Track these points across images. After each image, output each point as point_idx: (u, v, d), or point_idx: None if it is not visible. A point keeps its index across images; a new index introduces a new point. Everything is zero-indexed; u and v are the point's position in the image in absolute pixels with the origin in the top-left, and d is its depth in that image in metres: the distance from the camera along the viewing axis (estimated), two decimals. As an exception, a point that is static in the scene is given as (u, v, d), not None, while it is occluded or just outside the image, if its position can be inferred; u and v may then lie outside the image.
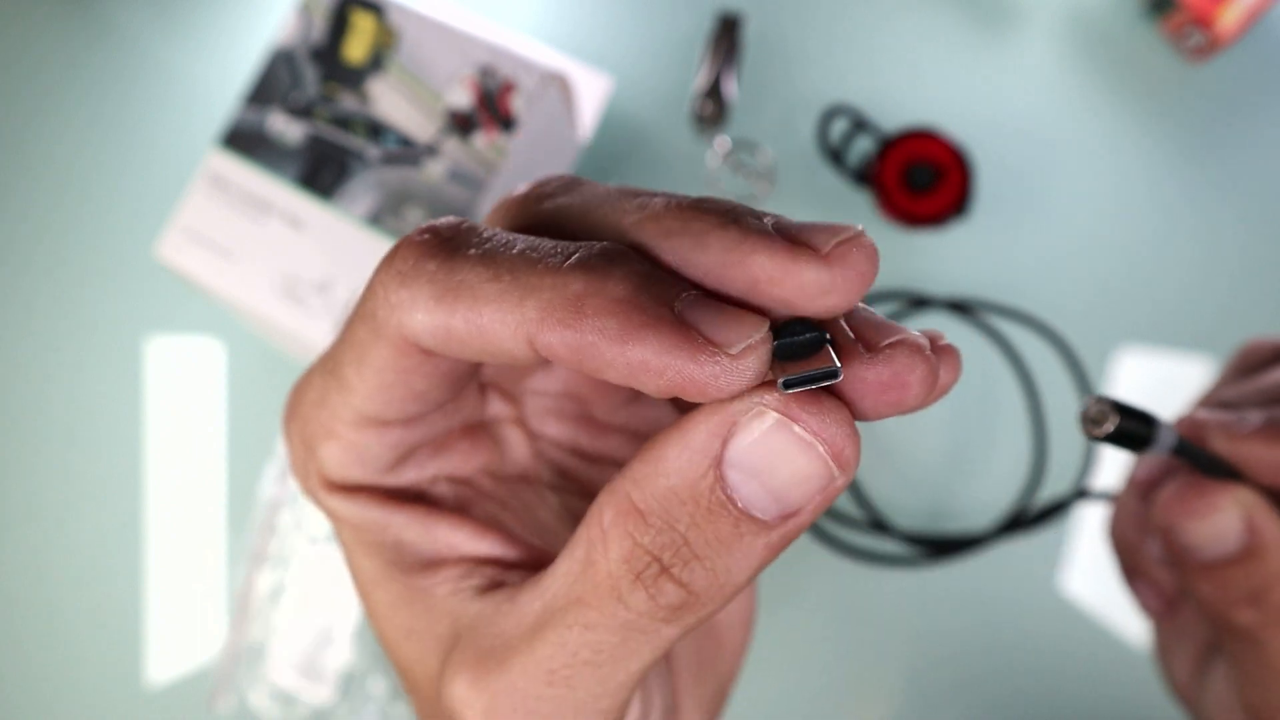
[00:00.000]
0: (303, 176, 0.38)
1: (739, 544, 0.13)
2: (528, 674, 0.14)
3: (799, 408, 0.12)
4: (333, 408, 0.15)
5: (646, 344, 0.12)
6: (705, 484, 0.12)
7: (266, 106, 0.38)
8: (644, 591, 0.13)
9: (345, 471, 0.16)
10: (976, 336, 0.47)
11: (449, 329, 0.13)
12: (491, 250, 0.13)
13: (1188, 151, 0.48)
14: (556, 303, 0.12)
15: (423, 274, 0.14)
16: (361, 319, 0.15)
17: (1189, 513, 0.20)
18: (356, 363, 0.15)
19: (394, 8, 0.39)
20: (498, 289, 0.13)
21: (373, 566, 0.16)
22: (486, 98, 0.38)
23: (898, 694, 0.45)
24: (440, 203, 0.37)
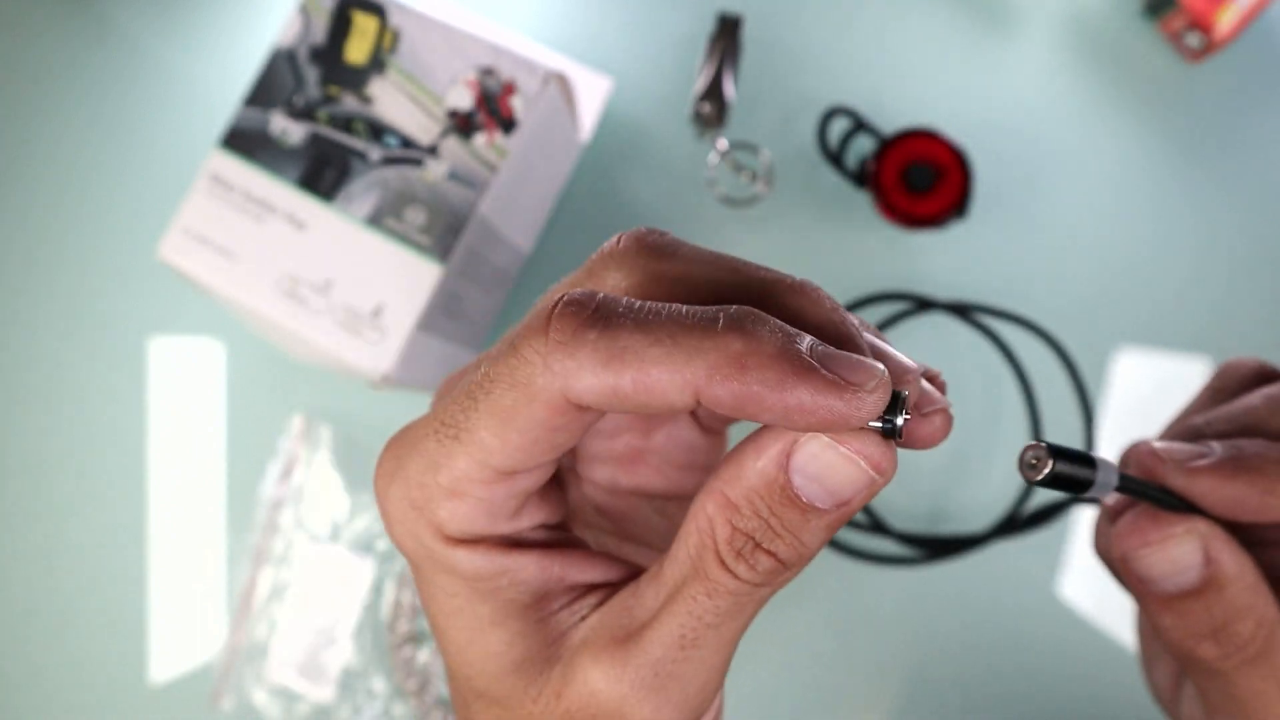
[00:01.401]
0: (304, 177, 0.38)
1: (806, 525, 0.17)
2: (664, 642, 0.18)
3: (847, 435, 0.16)
4: (459, 469, 0.17)
5: (803, 389, 0.15)
6: (779, 483, 0.16)
7: (268, 107, 0.38)
8: (745, 563, 0.17)
9: (471, 526, 0.18)
10: (976, 338, 0.47)
11: (616, 389, 0.16)
12: (644, 318, 0.16)
13: (1186, 151, 0.48)
14: (722, 361, 0.15)
15: (585, 343, 0.16)
16: (507, 386, 0.17)
17: (1143, 542, 0.20)
18: (499, 425, 0.17)
19: (395, 8, 0.39)
20: (662, 352, 0.16)
21: (488, 610, 0.19)
22: (487, 98, 0.38)
23: (897, 690, 0.45)
24: (441, 203, 0.37)
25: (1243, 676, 0.20)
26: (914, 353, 0.47)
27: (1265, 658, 0.20)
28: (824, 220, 0.48)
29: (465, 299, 0.41)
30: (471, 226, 0.38)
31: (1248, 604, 0.20)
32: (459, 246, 0.37)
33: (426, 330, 0.38)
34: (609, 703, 0.18)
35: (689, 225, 0.48)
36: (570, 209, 0.49)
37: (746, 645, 0.46)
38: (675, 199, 0.48)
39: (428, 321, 0.38)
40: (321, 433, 0.47)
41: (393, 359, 0.37)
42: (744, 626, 0.18)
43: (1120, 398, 0.47)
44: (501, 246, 0.42)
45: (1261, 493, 0.19)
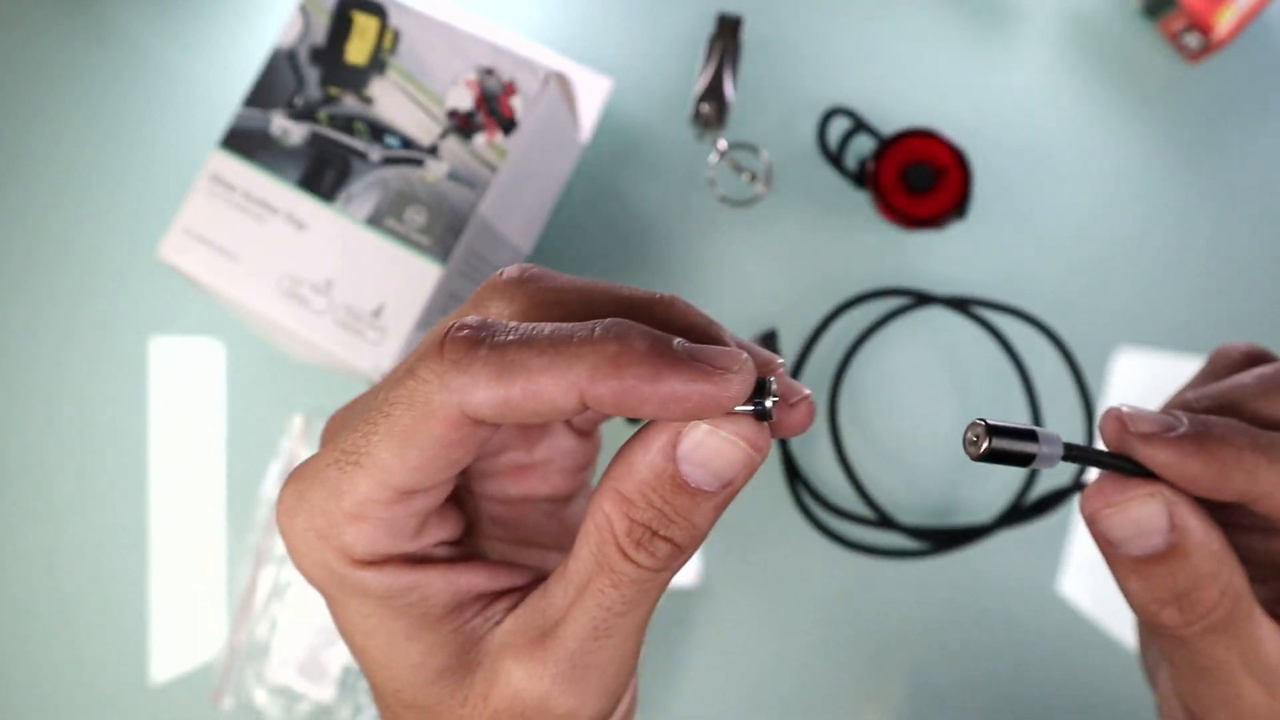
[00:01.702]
0: (304, 177, 0.38)
1: (697, 508, 0.18)
2: (578, 635, 0.19)
3: (726, 421, 0.18)
4: (361, 493, 0.19)
5: (674, 379, 0.17)
6: (668, 473, 0.18)
7: (268, 107, 0.38)
8: (644, 551, 0.18)
9: (375, 546, 0.19)
10: (975, 333, 0.47)
11: (508, 399, 0.17)
12: (528, 334, 0.18)
13: (1185, 151, 0.48)
14: (600, 363, 0.17)
15: (477, 359, 0.17)
16: (405, 406, 0.18)
17: (1106, 503, 0.20)
18: (399, 445, 0.18)
19: (395, 9, 0.39)
20: (546, 361, 0.17)
21: (402, 626, 0.20)
22: (487, 99, 0.38)
23: (899, 683, 0.45)
24: (442, 203, 0.37)
25: (1205, 644, 0.20)
26: (914, 348, 0.47)
27: (1228, 627, 0.20)
28: (823, 220, 0.48)
29: (465, 299, 0.41)
30: (471, 226, 0.38)
31: (1212, 571, 0.20)
32: (459, 246, 0.37)
33: (427, 330, 0.38)
34: (533, 698, 0.19)
35: (689, 225, 0.48)
36: (570, 209, 0.49)
37: (748, 640, 0.46)
38: (675, 199, 0.48)
39: (428, 321, 0.38)
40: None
41: (393, 359, 0.37)
42: (650, 610, 0.20)
43: (1119, 397, 0.47)
44: (501, 246, 0.42)
45: (1218, 471, 0.19)
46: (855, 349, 0.47)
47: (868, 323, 0.47)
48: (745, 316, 0.48)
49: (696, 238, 0.48)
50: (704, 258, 0.48)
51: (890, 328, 0.47)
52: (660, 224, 0.48)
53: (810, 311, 0.48)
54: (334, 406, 0.48)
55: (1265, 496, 0.20)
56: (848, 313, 0.48)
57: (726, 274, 0.48)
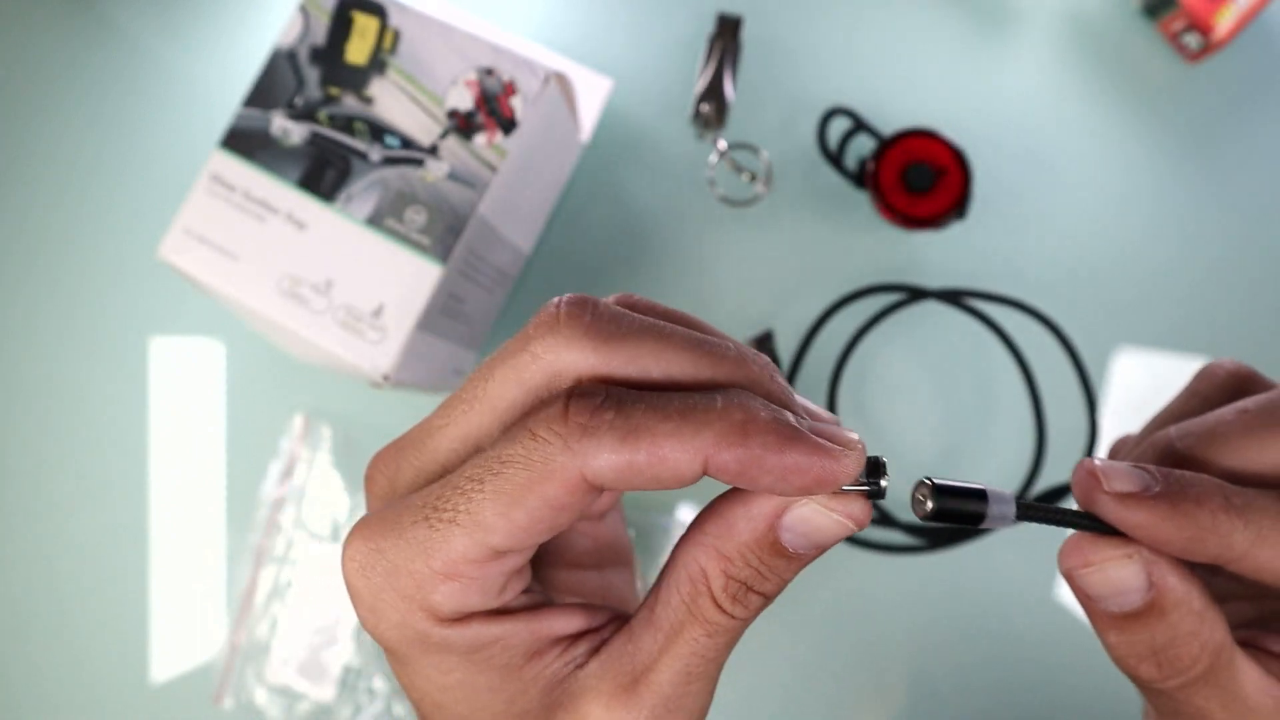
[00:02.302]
0: (304, 177, 0.38)
1: (790, 567, 0.19)
2: (672, 680, 0.20)
3: (837, 501, 0.19)
4: (455, 551, 0.19)
5: (798, 451, 0.18)
6: (768, 540, 0.19)
7: (268, 108, 0.38)
8: (740, 605, 0.19)
9: (464, 605, 0.19)
10: (970, 328, 0.47)
11: (632, 464, 0.18)
12: (654, 401, 0.18)
13: (1185, 151, 0.48)
14: (728, 430, 0.18)
15: (604, 423, 0.18)
16: (520, 467, 0.18)
17: (1084, 562, 0.20)
18: (507, 506, 0.18)
19: (395, 9, 0.39)
20: (672, 426, 0.18)
21: (485, 679, 0.20)
22: (487, 99, 0.38)
23: (900, 677, 0.45)
24: (441, 204, 0.37)
25: (1185, 695, 0.20)
26: (911, 344, 0.47)
27: (1208, 680, 0.20)
28: (823, 220, 0.48)
29: (465, 299, 0.41)
30: (471, 226, 0.38)
31: (1190, 630, 0.20)
32: (459, 246, 0.37)
33: (427, 330, 0.38)
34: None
35: (689, 225, 0.48)
36: (570, 209, 0.49)
37: (747, 638, 0.46)
38: (675, 199, 0.48)
39: (428, 321, 0.38)
40: (322, 432, 0.48)
41: (393, 359, 0.37)
42: (730, 651, 0.21)
43: (1119, 397, 0.47)
44: (501, 246, 0.42)
45: (1192, 535, 0.19)
46: (853, 345, 0.47)
47: (864, 319, 0.48)
48: (745, 316, 0.48)
49: (696, 238, 0.48)
50: (704, 258, 0.48)
51: (887, 324, 0.47)
52: (660, 224, 0.48)
53: (810, 311, 0.48)
54: (334, 406, 0.48)
55: (1240, 559, 0.19)
56: (845, 309, 0.48)
57: (726, 274, 0.48)
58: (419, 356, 0.39)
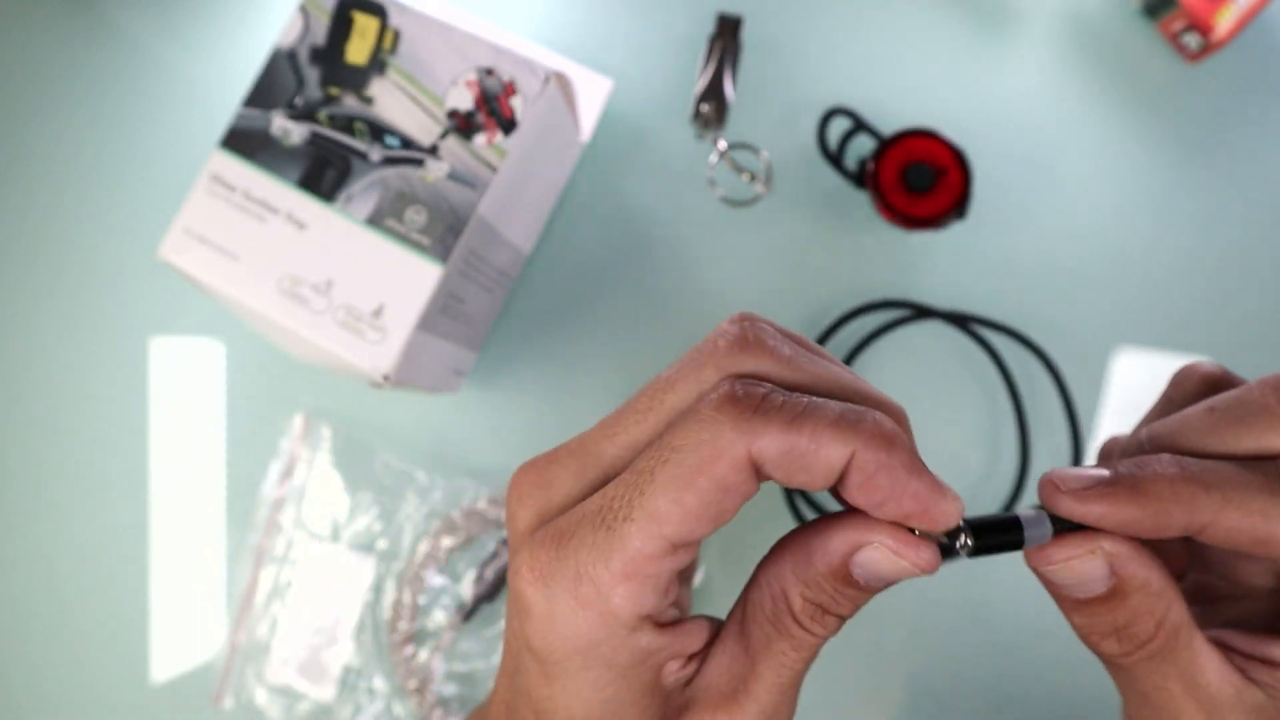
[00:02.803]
0: (304, 177, 0.38)
1: (862, 595, 0.20)
2: (769, 691, 0.21)
3: (910, 548, 0.20)
4: (632, 548, 0.19)
5: (924, 480, 0.19)
6: (841, 574, 0.20)
7: (268, 108, 0.38)
8: (819, 624, 0.21)
9: (641, 606, 0.20)
10: (972, 343, 0.47)
11: (794, 446, 0.19)
12: (814, 397, 0.19)
13: (1185, 150, 0.48)
14: (878, 435, 0.19)
15: (773, 406, 0.19)
16: (691, 450, 0.19)
17: (1045, 561, 0.21)
18: (679, 491, 0.19)
19: (395, 9, 0.39)
20: (833, 417, 0.19)
21: (631, 695, 0.21)
22: (487, 99, 0.38)
23: (901, 681, 0.45)
24: (441, 204, 0.37)
25: (1144, 671, 0.22)
26: (911, 357, 0.47)
27: (1166, 656, 0.21)
28: (823, 220, 0.48)
29: (465, 299, 0.41)
30: (471, 227, 0.38)
31: (1149, 608, 0.21)
32: (459, 246, 0.37)
33: (427, 330, 0.38)
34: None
35: (689, 225, 0.48)
36: (570, 209, 0.49)
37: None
38: (675, 199, 0.48)
39: (428, 321, 0.38)
40: (322, 432, 0.48)
41: (393, 359, 0.37)
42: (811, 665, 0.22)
43: (1119, 397, 0.47)
44: (501, 246, 0.42)
45: (1155, 512, 0.20)
46: (852, 358, 0.47)
47: (866, 332, 0.48)
48: (745, 316, 0.48)
49: (696, 238, 0.48)
50: (704, 258, 0.48)
51: (888, 337, 0.47)
52: (660, 224, 0.48)
53: (810, 311, 0.48)
54: (334, 406, 0.48)
55: (1209, 526, 0.20)
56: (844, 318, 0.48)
57: (726, 274, 0.48)
58: (419, 356, 0.39)
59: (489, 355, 0.48)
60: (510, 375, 0.48)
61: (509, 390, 0.48)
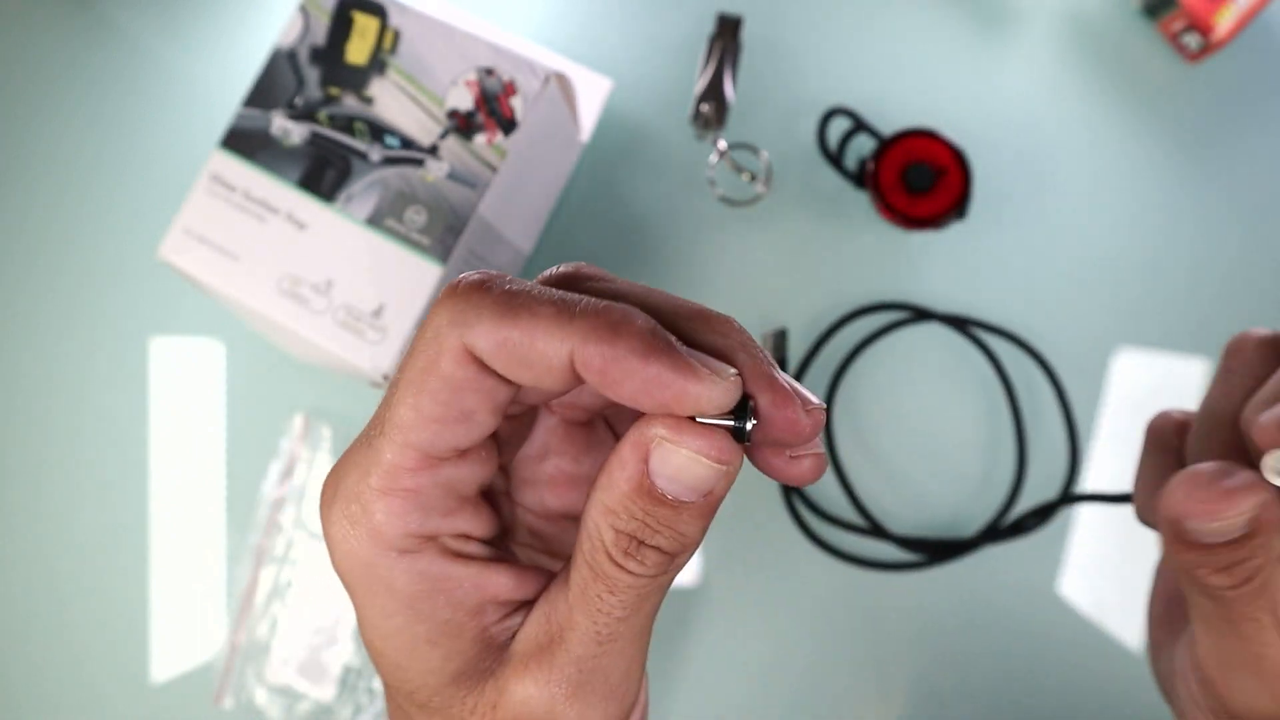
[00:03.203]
0: (304, 177, 0.38)
1: (679, 517, 0.18)
2: (583, 641, 0.19)
3: (688, 434, 0.18)
4: (386, 461, 0.19)
5: (663, 363, 0.17)
6: (644, 487, 0.18)
7: (268, 108, 0.38)
8: (634, 560, 0.18)
9: (406, 524, 0.19)
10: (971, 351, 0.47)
11: (507, 339, 0.18)
12: (540, 289, 0.18)
13: (1185, 150, 0.48)
14: (598, 325, 0.17)
15: (487, 296, 0.18)
16: (419, 351, 0.18)
17: (1208, 513, 0.21)
18: (414, 395, 0.18)
19: (395, 9, 0.39)
20: (550, 311, 0.17)
21: (424, 630, 0.20)
22: (487, 99, 0.38)
23: (903, 685, 0.45)
24: (441, 204, 0.37)
25: (1243, 603, 0.22)
26: (911, 359, 0.47)
27: (1265, 589, 0.22)
28: (823, 220, 0.48)
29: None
30: (471, 226, 0.38)
31: (1267, 547, 0.21)
32: (459, 246, 0.37)
33: (427, 330, 0.38)
34: (539, 707, 0.19)
35: (689, 225, 0.48)
36: (570, 209, 0.49)
37: (748, 643, 0.46)
38: (675, 199, 0.48)
39: (428, 321, 0.38)
40: (322, 432, 0.48)
41: (393, 359, 0.37)
42: (651, 615, 0.20)
43: (1119, 397, 0.47)
44: (501, 246, 0.42)
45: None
46: (851, 359, 0.47)
47: (865, 334, 0.48)
48: (746, 316, 0.48)
49: (696, 238, 0.48)
50: (704, 258, 0.48)
51: (888, 339, 0.47)
52: (660, 224, 0.48)
53: (809, 311, 0.48)
54: (334, 406, 0.48)
55: None
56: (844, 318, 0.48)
57: (726, 274, 0.48)
58: (419, 356, 0.39)
59: (489, 355, 0.48)
60: (510, 375, 0.48)
61: (509, 390, 0.48)
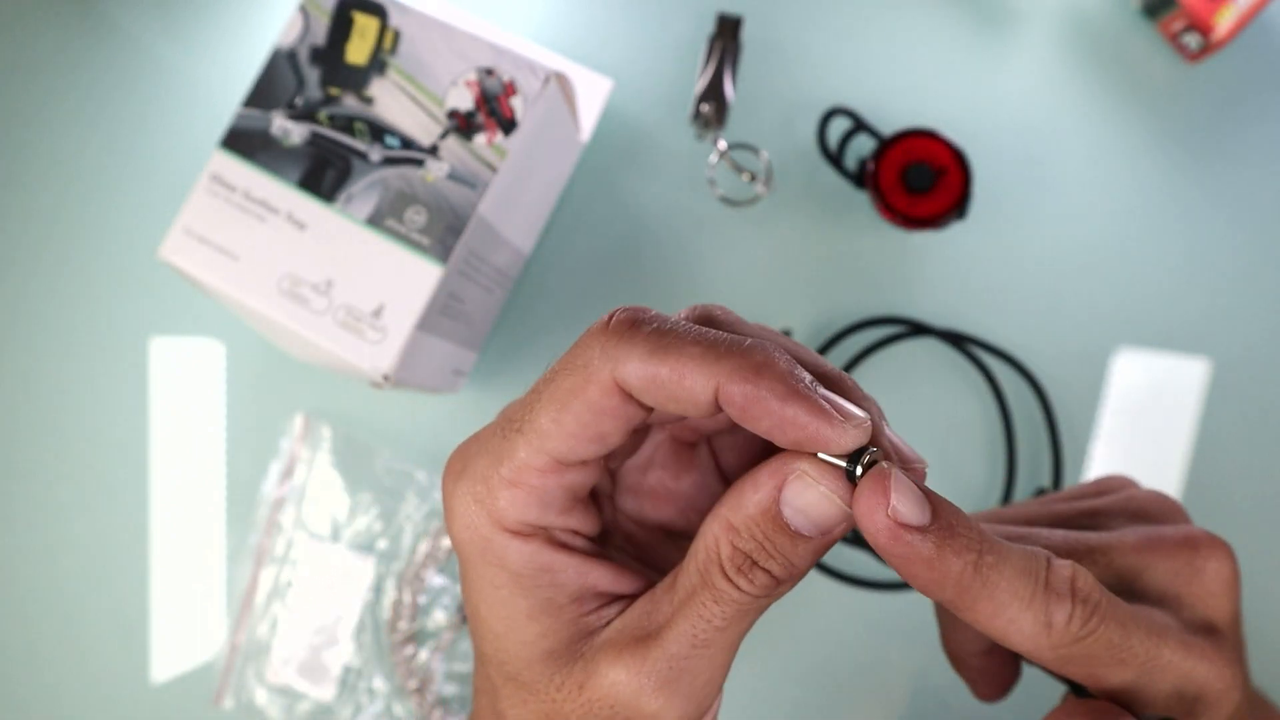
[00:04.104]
0: (304, 177, 0.38)
1: (795, 548, 0.20)
2: (680, 641, 0.20)
3: (828, 475, 0.19)
4: (519, 459, 0.20)
5: (800, 405, 0.18)
6: (771, 513, 0.20)
7: (268, 108, 0.38)
8: (744, 577, 0.20)
9: (525, 514, 0.21)
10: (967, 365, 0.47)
11: (656, 376, 0.19)
12: (688, 328, 0.20)
13: (1185, 150, 0.48)
14: (744, 366, 0.19)
15: (639, 334, 0.19)
16: (568, 373, 0.20)
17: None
18: (558, 410, 0.20)
19: (395, 9, 0.39)
20: (699, 350, 0.19)
21: (526, 605, 0.21)
22: (488, 99, 0.38)
23: (904, 686, 0.45)
24: (441, 204, 0.37)
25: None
26: (907, 373, 0.47)
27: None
28: (823, 220, 0.48)
29: (465, 299, 0.41)
30: (471, 227, 0.38)
31: None
32: (459, 247, 0.37)
33: (427, 330, 0.38)
34: (626, 693, 0.21)
35: (689, 225, 0.48)
36: (570, 209, 0.49)
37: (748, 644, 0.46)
38: (675, 199, 0.48)
39: (428, 321, 0.38)
40: (322, 432, 0.48)
41: (393, 359, 0.37)
42: (745, 631, 0.21)
43: (1119, 397, 0.47)
44: (501, 247, 0.42)
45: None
46: (849, 369, 0.47)
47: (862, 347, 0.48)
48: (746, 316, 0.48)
49: (696, 238, 0.48)
50: (704, 258, 0.48)
51: (884, 351, 0.47)
52: (660, 224, 0.48)
53: (809, 311, 0.48)
54: (334, 407, 0.48)
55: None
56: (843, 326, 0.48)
57: (726, 274, 0.48)
58: (419, 356, 0.39)
59: (489, 355, 0.48)
60: (510, 375, 0.48)
61: (509, 390, 0.48)
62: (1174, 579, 0.23)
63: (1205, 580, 0.23)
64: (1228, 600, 0.23)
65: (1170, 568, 0.23)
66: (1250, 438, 0.46)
